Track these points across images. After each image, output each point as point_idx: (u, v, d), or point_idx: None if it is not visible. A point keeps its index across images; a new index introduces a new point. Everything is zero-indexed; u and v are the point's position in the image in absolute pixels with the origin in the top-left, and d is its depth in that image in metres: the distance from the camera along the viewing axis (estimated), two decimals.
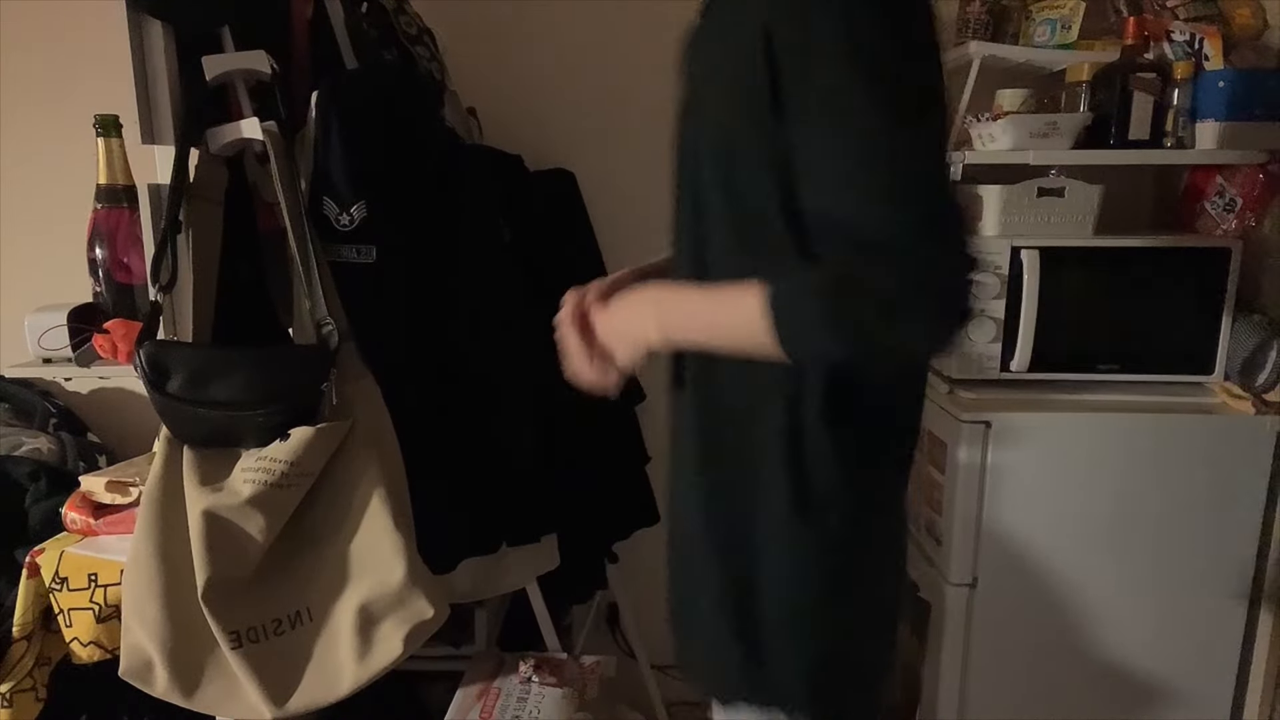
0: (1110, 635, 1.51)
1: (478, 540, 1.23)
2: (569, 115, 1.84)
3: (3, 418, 1.63)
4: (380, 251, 1.09)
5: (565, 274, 1.57)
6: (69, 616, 1.16)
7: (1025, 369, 1.50)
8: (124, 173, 1.37)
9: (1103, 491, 1.46)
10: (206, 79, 1.05)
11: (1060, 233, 1.51)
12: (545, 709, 1.22)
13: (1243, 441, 1.45)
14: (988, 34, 1.64)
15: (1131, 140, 1.49)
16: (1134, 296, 1.49)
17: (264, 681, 0.98)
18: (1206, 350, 1.49)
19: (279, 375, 1.03)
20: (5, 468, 1.43)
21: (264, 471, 0.99)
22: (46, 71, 1.79)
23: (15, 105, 1.81)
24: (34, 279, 1.84)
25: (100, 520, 1.22)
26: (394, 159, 1.11)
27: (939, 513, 1.53)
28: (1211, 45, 1.50)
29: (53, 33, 1.78)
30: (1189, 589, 1.49)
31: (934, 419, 1.57)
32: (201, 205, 1.07)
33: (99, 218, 1.36)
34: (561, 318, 0.86)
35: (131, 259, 1.36)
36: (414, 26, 1.41)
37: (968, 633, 1.51)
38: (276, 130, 1.05)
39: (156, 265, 1.03)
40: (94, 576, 1.15)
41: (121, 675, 1.01)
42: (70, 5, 1.77)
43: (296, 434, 1.01)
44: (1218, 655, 1.52)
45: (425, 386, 1.15)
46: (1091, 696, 1.53)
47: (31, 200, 1.84)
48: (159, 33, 1.03)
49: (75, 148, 1.52)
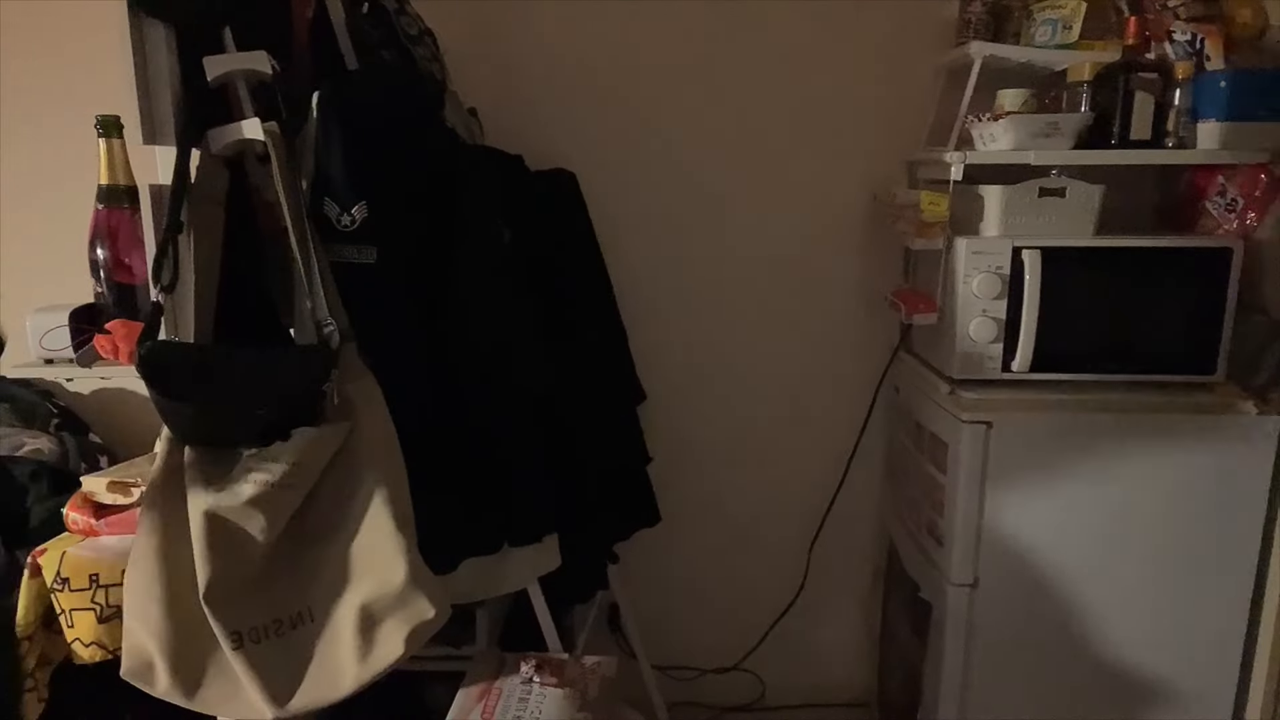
0: (1111, 635, 1.51)
1: (479, 540, 1.23)
2: (569, 115, 1.84)
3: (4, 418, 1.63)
4: (381, 252, 1.09)
5: (565, 274, 1.58)
6: (70, 617, 1.16)
7: (1026, 369, 1.50)
8: (125, 173, 1.37)
9: (1103, 492, 1.46)
10: (207, 79, 1.05)
11: (1061, 233, 1.51)
12: (546, 709, 1.22)
13: (1243, 441, 1.45)
14: (988, 34, 1.64)
15: (1133, 140, 1.49)
16: (1135, 297, 1.49)
17: (265, 682, 0.98)
18: (1208, 350, 1.49)
19: (280, 375, 1.03)
20: (6, 468, 1.43)
21: (265, 471, 0.99)
22: (47, 72, 1.79)
23: (16, 105, 1.81)
24: (35, 279, 1.84)
25: (102, 521, 1.22)
26: (395, 159, 1.11)
27: (940, 513, 1.53)
28: (1212, 45, 1.50)
29: (53, 33, 1.78)
30: (1189, 589, 1.49)
31: (935, 419, 1.57)
32: (202, 206, 1.07)
33: (100, 218, 1.37)
34: None
35: (133, 259, 1.36)
36: (415, 27, 1.41)
37: (968, 633, 1.51)
38: (277, 130, 1.05)
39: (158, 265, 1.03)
40: (95, 577, 1.15)
41: (123, 676, 1.01)
42: (70, 5, 1.77)
43: (298, 434, 1.01)
44: (1219, 655, 1.52)
45: (426, 386, 1.15)
46: (1092, 696, 1.53)
47: (33, 201, 1.84)
48: (159, 33, 1.03)
49: (76, 148, 1.52)
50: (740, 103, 1.84)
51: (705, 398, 1.98)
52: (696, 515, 2.03)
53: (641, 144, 1.86)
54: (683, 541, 2.03)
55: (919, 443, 1.66)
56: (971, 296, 1.49)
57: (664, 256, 1.91)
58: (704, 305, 1.94)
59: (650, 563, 2.04)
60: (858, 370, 1.94)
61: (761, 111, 1.85)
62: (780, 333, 1.94)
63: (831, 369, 1.95)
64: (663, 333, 1.94)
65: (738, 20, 1.81)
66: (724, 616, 2.08)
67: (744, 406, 1.98)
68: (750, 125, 1.85)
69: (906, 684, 1.74)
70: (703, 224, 1.90)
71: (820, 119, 1.85)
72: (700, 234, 1.90)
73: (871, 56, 1.81)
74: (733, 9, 1.80)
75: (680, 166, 1.87)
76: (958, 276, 1.50)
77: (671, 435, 1.97)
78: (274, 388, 1.02)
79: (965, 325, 1.50)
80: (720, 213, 1.89)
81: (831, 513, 2.00)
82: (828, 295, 1.92)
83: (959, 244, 1.50)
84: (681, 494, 2.00)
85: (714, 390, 1.97)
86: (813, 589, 2.04)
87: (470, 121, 1.60)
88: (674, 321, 1.94)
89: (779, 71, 1.83)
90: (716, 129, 1.85)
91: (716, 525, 2.04)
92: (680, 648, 2.09)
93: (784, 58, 1.82)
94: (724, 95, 1.84)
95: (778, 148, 1.86)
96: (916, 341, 1.80)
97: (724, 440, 2.00)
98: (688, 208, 1.89)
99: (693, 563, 2.06)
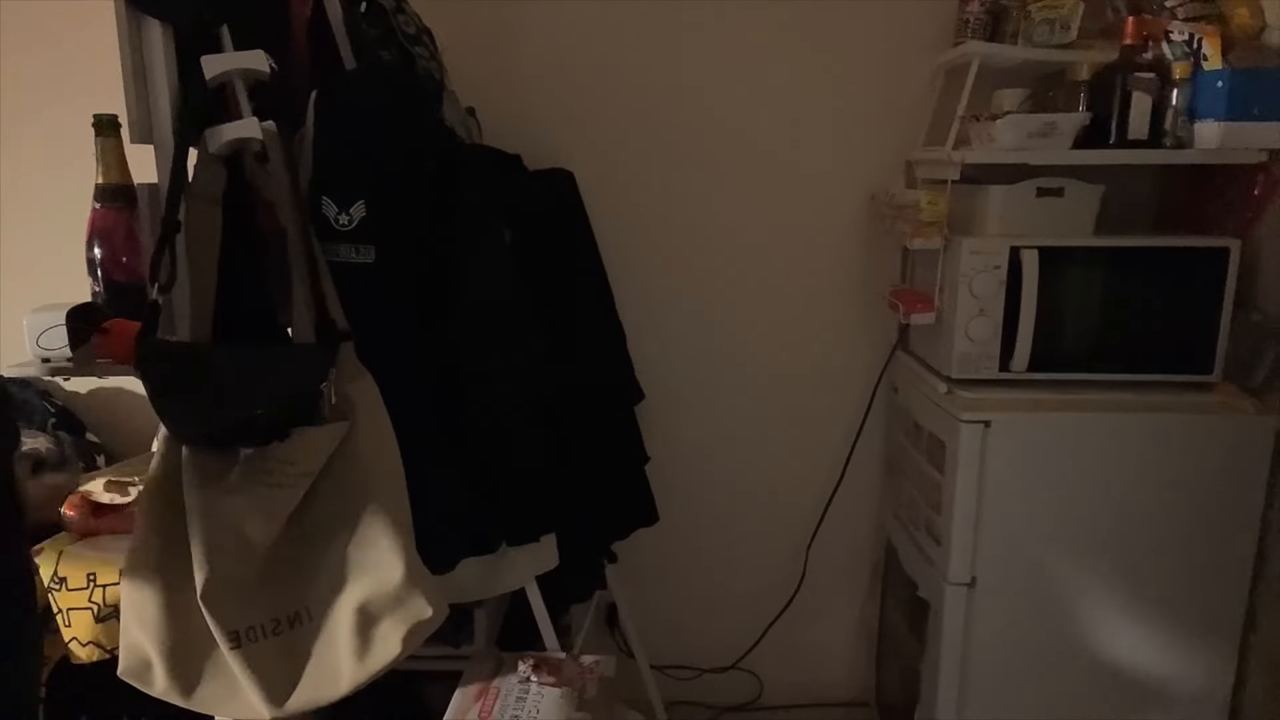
0: (1110, 635, 1.51)
1: (477, 540, 1.23)
2: (567, 115, 1.84)
3: None
4: (380, 251, 1.09)
5: (565, 274, 1.58)
6: (68, 616, 1.16)
7: (1024, 369, 1.50)
8: (123, 172, 1.37)
9: (1102, 491, 1.47)
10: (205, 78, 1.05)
11: (1059, 233, 1.51)
12: (544, 708, 1.22)
13: (1242, 441, 1.45)
14: (986, 34, 1.64)
15: (1130, 140, 1.49)
16: (1133, 296, 1.50)
17: (263, 681, 0.98)
18: (1206, 350, 1.50)
19: (278, 375, 1.03)
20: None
21: (263, 471, 0.99)
22: (45, 70, 1.79)
23: (14, 105, 1.81)
24: (33, 279, 1.84)
25: (99, 520, 1.22)
26: (393, 159, 1.11)
27: (938, 512, 1.53)
28: (1210, 45, 1.50)
29: (52, 32, 1.78)
30: (1188, 589, 1.49)
31: (933, 418, 1.57)
32: (200, 205, 1.07)
33: (98, 217, 1.36)
34: None
35: (131, 259, 1.36)
36: (413, 26, 1.41)
37: (967, 632, 1.51)
38: (275, 130, 1.05)
39: (155, 265, 1.03)
40: (93, 576, 1.15)
41: (120, 675, 1.01)
42: (70, 5, 1.77)
43: (296, 434, 1.01)
44: (1217, 655, 1.52)
45: (424, 386, 1.15)
46: (1091, 696, 1.53)
47: (30, 200, 1.84)
48: (157, 32, 1.03)
49: (74, 147, 1.52)
50: (739, 102, 1.84)
51: (703, 397, 1.98)
52: (695, 514, 2.03)
53: (638, 143, 1.86)
54: (681, 541, 2.03)
55: (917, 442, 1.67)
56: (969, 296, 1.49)
57: (661, 256, 1.91)
58: (702, 304, 1.94)
59: (648, 562, 2.04)
60: (856, 369, 1.95)
61: (760, 111, 1.85)
62: (778, 332, 1.95)
63: (830, 368, 1.96)
64: (661, 332, 1.94)
65: (736, 20, 1.81)
66: (722, 616, 2.08)
67: (742, 405, 1.98)
68: (748, 124, 1.85)
69: (904, 683, 1.74)
70: (701, 223, 1.90)
71: (818, 118, 1.85)
72: (698, 233, 1.90)
73: (870, 56, 1.81)
74: (731, 9, 1.80)
75: (678, 166, 1.87)
76: (956, 276, 1.50)
77: (670, 434, 1.97)
78: (272, 388, 1.02)
79: (963, 325, 1.50)
80: (718, 212, 1.89)
81: (830, 512, 2.00)
82: (826, 294, 1.93)
83: (957, 244, 1.51)
84: (680, 493, 2.00)
85: (712, 389, 1.98)
86: (811, 588, 2.05)
87: (468, 121, 1.60)
88: (672, 321, 1.94)
89: (777, 71, 1.83)
90: (715, 128, 1.85)
91: (715, 524, 2.04)
92: (678, 647, 2.09)
93: (782, 57, 1.82)
94: (722, 94, 1.84)
95: (775, 147, 1.86)
96: (915, 341, 1.80)
97: (723, 439, 2.00)
98: (685, 207, 1.89)
99: (691, 562, 2.06)
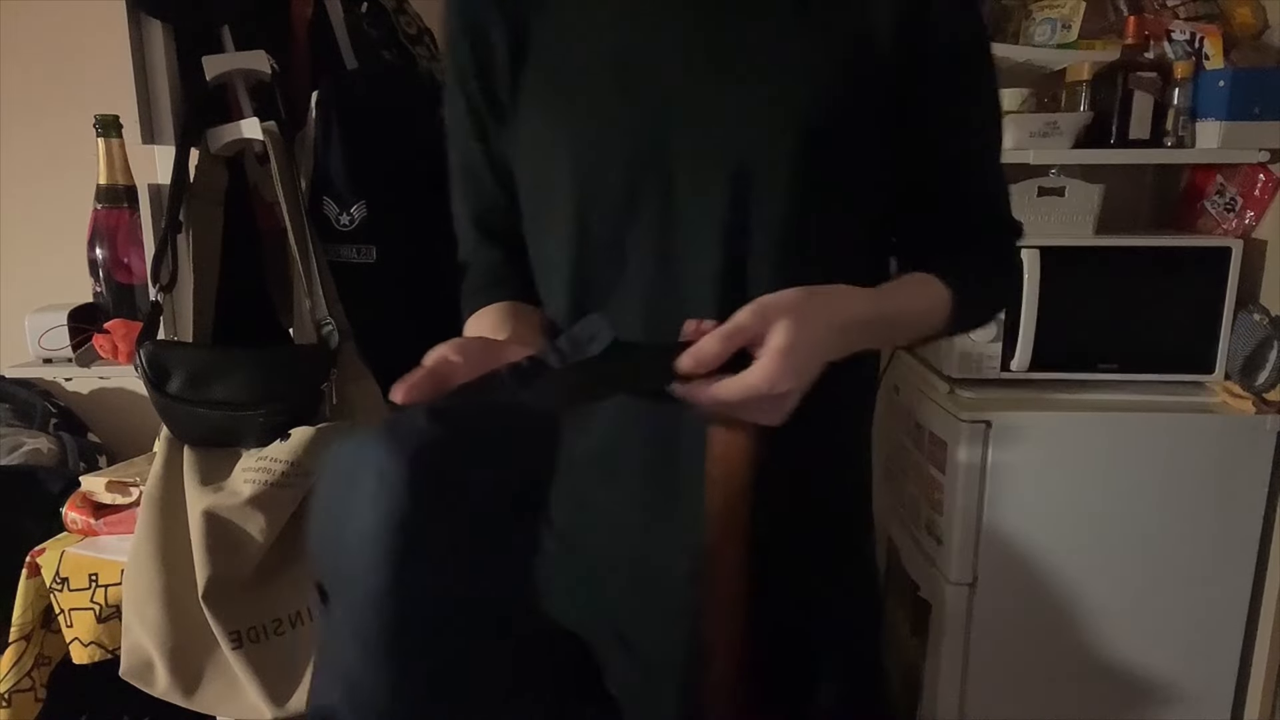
0: (1110, 635, 1.51)
1: None
2: None
3: (3, 418, 1.64)
4: (380, 251, 1.09)
5: None
6: (69, 616, 1.16)
7: (1025, 368, 1.50)
8: (124, 173, 1.37)
9: (1103, 491, 1.46)
10: (206, 79, 1.05)
11: (1060, 232, 1.51)
12: None
13: (1243, 441, 1.45)
14: None
15: (1132, 140, 1.49)
16: (1134, 296, 1.49)
17: (264, 681, 0.98)
18: (1207, 350, 1.49)
19: (279, 375, 1.03)
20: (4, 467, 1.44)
21: (264, 471, 0.99)
22: (46, 71, 1.79)
23: (15, 105, 1.81)
24: (34, 279, 1.84)
25: (101, 520, 1.22)
26: (394, 159, 1.11)
27: (939, 512, 1.53)
28: (1211, 44, 1.50)
29: (53, 33, 1.78)
30: (1189, 589, 1.49)
31: (934, 418, 1.57)
32: (201, 205, 1.07)
33: (99, 218, 1.36)
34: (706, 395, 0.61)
35: (132, 259, 1.36)
36: (414, 26, 1.41)
37: (967, 632, 1.51)
38: (276, 130, 1.05)
39: (157, 265, 1.03)
40: (94, 576, 1.15)
41: (122, 675, 1.02)
42: (70, 5, 1.77)
43: (297, 434, 1.01)
44: (1218, 655, 1.52)
45: None
46: (1091, 696, 1.53)
47: (31, 200, 1.84)
48: (159, 32, 1.04)
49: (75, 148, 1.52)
50: None
51: None
52: None
53: None
54: None
55: (918, 442, 1.66)
56: None
57: None
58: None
59: None
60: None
61: None
62: None
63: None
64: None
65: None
66: None
67: None
68: None
69: (906, 683, 1.74)
70: None
71: None
72: None
73: None
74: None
75: None
76: None
77: None
78: (273, 388, 1.02)
79: None
80: None
81: None
82: None
83: None
84: None
85: None
86: None
87: None
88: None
89: None
90: None
91: None
92: None
93: None
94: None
95: None
96: None
97: None
98: None
99: None
